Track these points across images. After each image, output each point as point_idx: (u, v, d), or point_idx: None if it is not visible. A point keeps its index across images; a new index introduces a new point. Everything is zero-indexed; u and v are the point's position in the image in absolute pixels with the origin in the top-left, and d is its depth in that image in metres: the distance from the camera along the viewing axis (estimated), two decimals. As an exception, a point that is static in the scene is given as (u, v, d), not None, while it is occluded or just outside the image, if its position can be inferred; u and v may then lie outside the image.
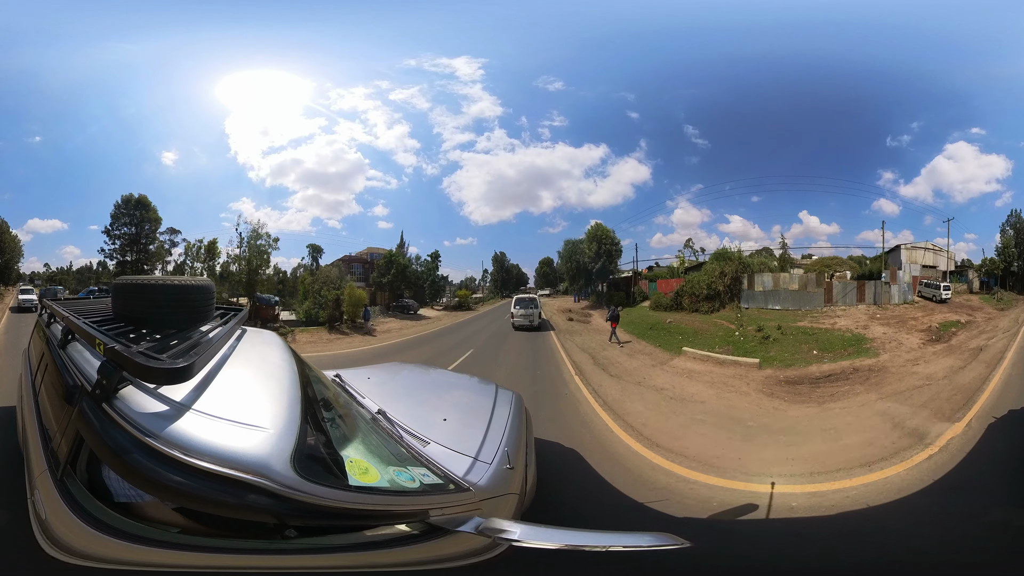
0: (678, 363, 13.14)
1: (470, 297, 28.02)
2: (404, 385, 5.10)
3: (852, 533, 4.78)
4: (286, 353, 3.23)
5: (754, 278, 18.70)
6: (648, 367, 12.84)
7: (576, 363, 13.24)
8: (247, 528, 1.99)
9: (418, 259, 25.54)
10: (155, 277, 3.37)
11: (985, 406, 7.68)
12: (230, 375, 2.47)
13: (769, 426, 8.03)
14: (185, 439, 1.84)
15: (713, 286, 19.02)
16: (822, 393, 9.31)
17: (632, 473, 6.22)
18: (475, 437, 3.21)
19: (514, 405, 4.06)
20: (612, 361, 13.43)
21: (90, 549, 1.94)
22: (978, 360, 9.95)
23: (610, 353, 14.55)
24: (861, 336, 12.52)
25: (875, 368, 10.19)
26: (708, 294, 18.97)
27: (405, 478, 2.45)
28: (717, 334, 15.69)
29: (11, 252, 20.30)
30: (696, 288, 19.36)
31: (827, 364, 10.75)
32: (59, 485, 2.08)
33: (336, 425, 2.83)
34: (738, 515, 5.33)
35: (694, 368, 12.40)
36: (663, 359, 13.76)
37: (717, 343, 14.63)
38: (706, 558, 3.62)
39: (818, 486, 5.65)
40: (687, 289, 19.68)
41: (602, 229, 23.62)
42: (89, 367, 2.29)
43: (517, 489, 2.93)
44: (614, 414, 8.69)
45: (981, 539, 4.12)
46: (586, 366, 12.90)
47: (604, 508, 5.05)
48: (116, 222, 17.91)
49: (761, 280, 18.52)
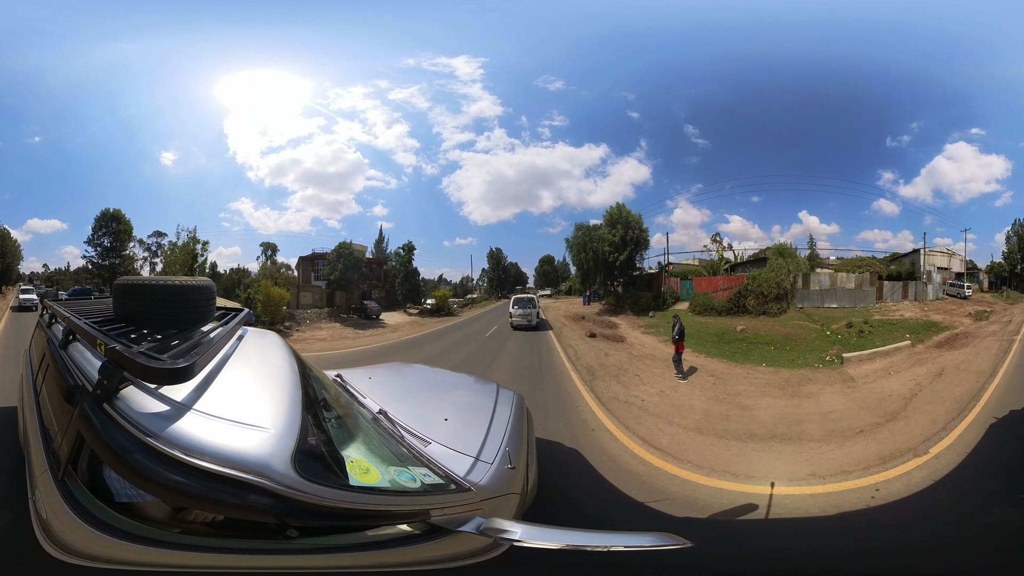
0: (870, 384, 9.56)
1: (448, 299, 23.68)
2: (405, 385, 5.10)
3: (852, 533, 4.78)
4: (287, 353, 3.23)
5: (810, 277, 18.31)
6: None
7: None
8: (248, 528, 1.99)
9: (399, 255, 23.35)
10: (156, 277, 3.36)
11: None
12: (231, 375, 2.47)
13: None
14: (186, 439, 1.84)
15: (782, 284, 17.37)
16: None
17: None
18: (476, 437, 3.20)
19: (515, 405, 4.06)
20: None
21: (91, 549, 1.94)
22: (1012, 324, 14.56)
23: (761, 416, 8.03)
24: (931, 321, 14.98)
25: (963, 334, 13.60)
26: (778, 294, 17.08)
27: (406, 478, 2.45)
28: (809, 337, 13.88)
29: (12, 256, 21.37)
30: (765, 287, 17.19)
31: (935, 338, 13.51)
32: (60, 485, 2.08)
33: (337, 425, 2.83)
34: (738, 515, 5.33)
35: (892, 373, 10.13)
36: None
37: (826, 344, 13.23)
38: (707, 558, 3.61)
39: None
40: (753, 288, 17.26)
41: (625, 211, 19.77)
42: (90, 367, 2.29)
43: (518, 489, 2.93)
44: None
45: (981, 539, 4.12)
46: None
47: (604, 508, 5.05)
48: (95, 234, 20.54)
49: (818, 279, 18.34)
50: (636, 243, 19.59)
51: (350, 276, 21.97)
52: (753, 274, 18.35)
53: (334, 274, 21.80)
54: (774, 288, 17.25)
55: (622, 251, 19.45)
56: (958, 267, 20.61)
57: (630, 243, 19.52)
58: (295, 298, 22.24)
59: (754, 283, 17.61)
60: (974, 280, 20.47)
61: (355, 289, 22.67)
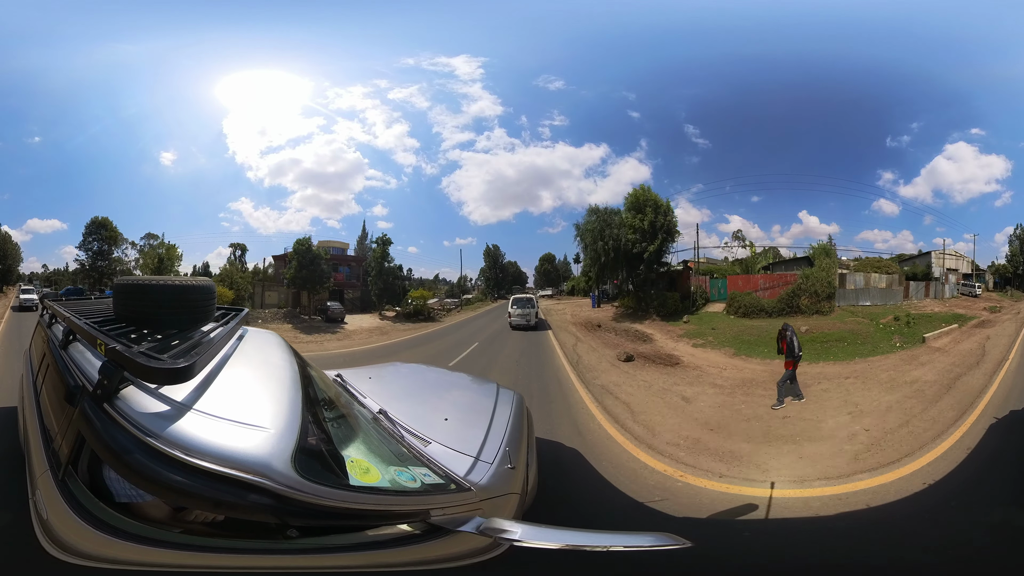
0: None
1: (427, 301, 21.30)
2: (405, 385, 5.09)
3: (852, 533, 4.78)
4: (287, 353, 3.23)
5: (846, 277, 18.74)
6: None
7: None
8: (248, 528, 1.99)
9: (373, 250, 21.90)
10: (156, 277, 3.36)
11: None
12: (231, 375, 2.47)
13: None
14: (186, 439, 1.84)
15: (832, 283, 17.55)
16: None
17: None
18: (476, 437, 3.20)
19: (515, 405, 4.06)
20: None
21: (91, 549, 1.94)
22: (1022, 314, 16.99)
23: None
24: (958, 314, 16.83)
25: (987, 320, 16.16)
26: (829, 292, 17.16)
27: (406, 478, 2.45)
28: (868, 331, 14.38)
29: (12, 259, 21.91)
30: (819, 287, 17.04)
31: (970, 323, 15.89)
32: (60, 485, 2.08)
33: (337, 425, 2.83)
34: (738, 515, 5.33)
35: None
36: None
37: (885, 335, 14.14)
38: (708, 558, 3.61)
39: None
40: (807, 287, 16.98)
41: (651, 194, 16.74)
42: (90, 367, 2.29)
43: (518, 489, 2.93)
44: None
45: (981, 539, 4.12)
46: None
47: (604, 507, 5.05)
48: (86, 239, 21.46)
49: (853, 279, 18.85)
50: (667, 231, 16.30)
51: (307, 274, 20.30)
52: (805, 272, 17.86)
53: (289, 272, 20.50)
54: (826, 287, 17.10)
55: (651, 240, 16.07)
56: (965, 268, 21.45)
57: (660, 230, 16.25)
58: (259, 298, 21.84)
59: (807, 282, 17.06)
60: (981, 280, 21.54)
61: (320, 288, 21.25)
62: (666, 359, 11.76)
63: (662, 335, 14.77)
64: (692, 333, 15.13)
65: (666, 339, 14.36)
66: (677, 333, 15.27)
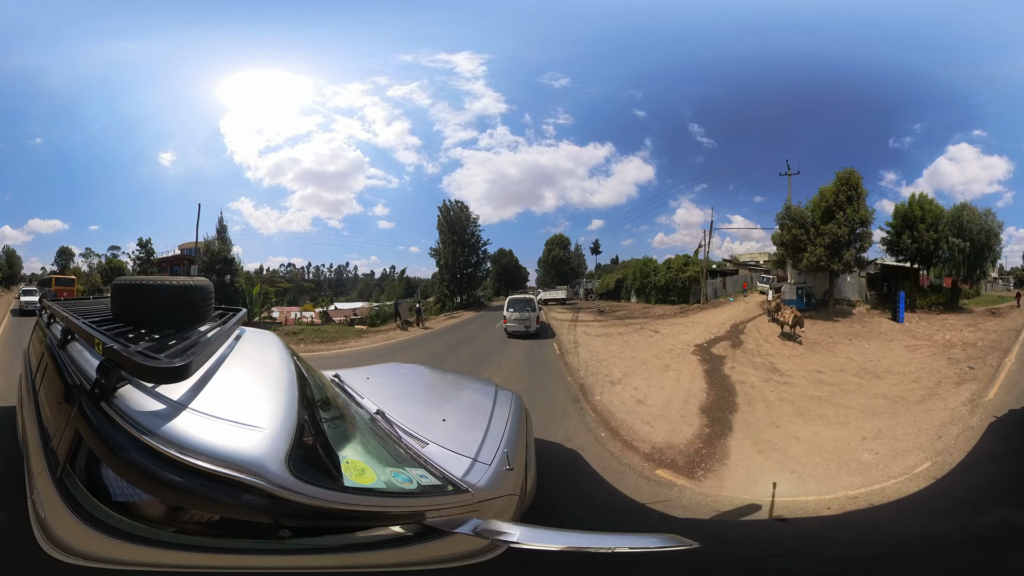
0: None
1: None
2: (403, 385, 5.08)
3: (854, 533, 4.76)
4: (284, 353, 3.22)
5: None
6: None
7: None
8: (242, 528, 1.99)
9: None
10: (154, 277, 3.36)
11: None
12: (228, 375, 2.46)
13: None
14: (181, 438, 1.84)
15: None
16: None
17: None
18: (474, 438, 3.19)
19: (514, 405, 4.04)
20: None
21: (89, 548, 1.94)
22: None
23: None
24: (1005, 296, 19.65)
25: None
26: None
27: (402, 479, 2.44)
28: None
29: (16, 266, 22.12)
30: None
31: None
32: (58, 484, 2.08)
33: (334, 425, 2.82)
34: (741, 516, 5.31)
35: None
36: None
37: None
38: (713, 559, 3.59)
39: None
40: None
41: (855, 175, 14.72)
42: (88, 367, 2.30)
43: (517, 490, 2.92)
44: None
45: (981, 539, 4.10)
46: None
47: (605, 507, 5.03)
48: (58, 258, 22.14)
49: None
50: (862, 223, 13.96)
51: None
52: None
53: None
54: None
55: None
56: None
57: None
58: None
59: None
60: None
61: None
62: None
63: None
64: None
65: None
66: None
